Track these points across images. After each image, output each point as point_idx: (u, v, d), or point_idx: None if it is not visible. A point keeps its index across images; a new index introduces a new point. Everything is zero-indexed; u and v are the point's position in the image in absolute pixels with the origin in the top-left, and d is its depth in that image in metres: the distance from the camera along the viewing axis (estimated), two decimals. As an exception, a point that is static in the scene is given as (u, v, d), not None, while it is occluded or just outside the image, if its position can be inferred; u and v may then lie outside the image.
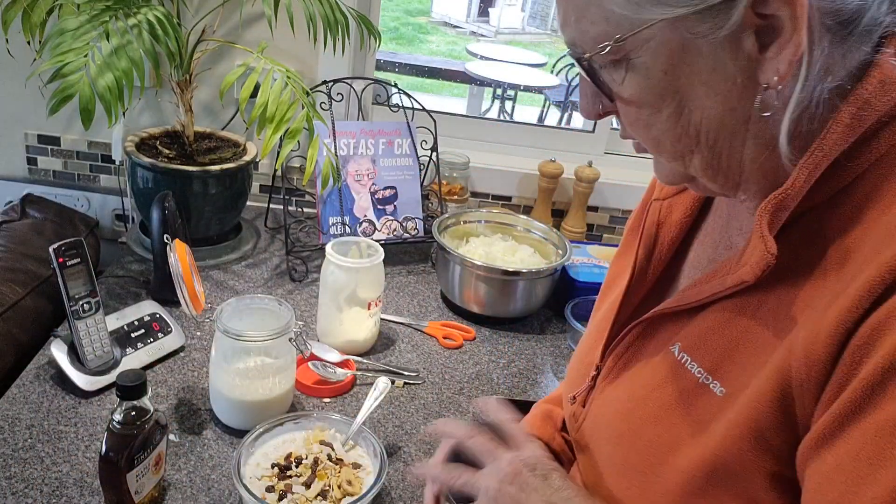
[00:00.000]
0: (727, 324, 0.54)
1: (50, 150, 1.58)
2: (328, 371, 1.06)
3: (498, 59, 5.27)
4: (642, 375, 0.61)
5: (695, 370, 0.55)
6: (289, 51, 1.49)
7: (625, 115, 0.54)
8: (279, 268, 1.38)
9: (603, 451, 0.63)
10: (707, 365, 0.55)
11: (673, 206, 0.67)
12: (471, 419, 0.72)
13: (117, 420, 0.77)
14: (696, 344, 0.56)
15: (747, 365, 0.52)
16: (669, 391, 0.57)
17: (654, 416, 0.58)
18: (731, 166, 0.53)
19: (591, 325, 0.76)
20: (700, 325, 0.57)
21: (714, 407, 0.53)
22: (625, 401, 0.62)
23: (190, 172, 1.28)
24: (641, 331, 0.63)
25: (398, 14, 9.07)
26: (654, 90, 0.50)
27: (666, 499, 0.55)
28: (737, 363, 0.53)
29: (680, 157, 0.54)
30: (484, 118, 2.16)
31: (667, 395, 0.57)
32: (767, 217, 0.50)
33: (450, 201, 1.58)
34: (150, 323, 1.09)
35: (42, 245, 1.22)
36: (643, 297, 0.68)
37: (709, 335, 0.55)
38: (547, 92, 4.83)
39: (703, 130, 0.51)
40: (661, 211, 0.68)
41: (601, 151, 1.77)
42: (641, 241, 0.67)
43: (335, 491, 0.82)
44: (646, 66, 0.50)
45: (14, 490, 0.82)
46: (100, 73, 0.99)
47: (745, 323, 0.53)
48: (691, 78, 0.49)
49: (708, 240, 0.65)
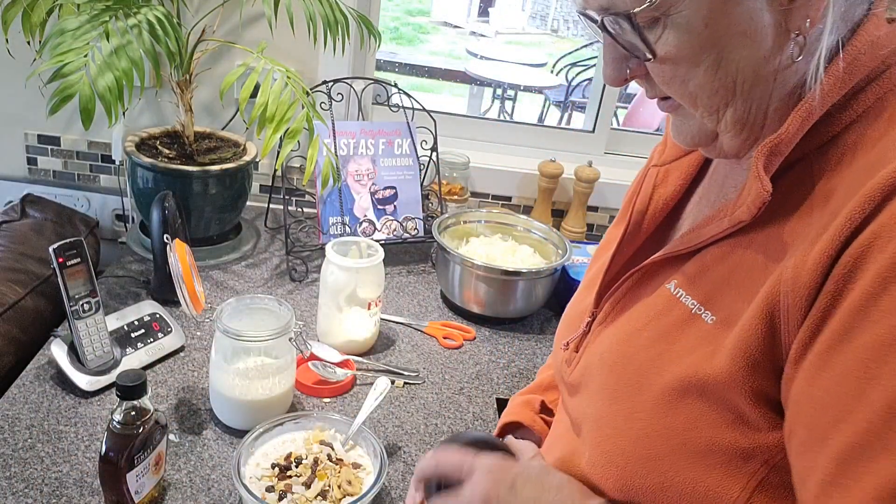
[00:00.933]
0: (721, 259, 0.57)
1: (50, 150, 1.58)
2: (328, 371, 1.06)
3: (498, 59, 5.28)
4: (637, 312, 0.64)
5: (688, 302, 0.58)
6: (289, 51, 1.49)
7: (659, 74, 0.55)
8: (279, 268, 1.38)
9: (595, 383, 0.65)
10: (700, 297, 0.57)
11: (670, 171, 0.70)
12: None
13: (117, 420, 0.77)
14: (690, 280, 0.59)
15: (738, 295, 0.54)
16: (662, 322, 0.60)
17: (646, 345, 0.60)
18: (758, 117, 0.55)
19: (584, 280, 0.79)
20: (696, 263, 0.59)
21: (703, 332, 0.56)
22: (619, 335, 0.64)
23: (190, 172, 1.28)
24: (639, 277, 0.66)
25: (398, 14, 9.07)
26: (694, 44, 0.51)
27: (650, 412, 0.58)
28: (728, 294, 0.55)
29: (715, 111, 0.55)
30: (484, 118, 2.16)
31: (660, 326, 0.60)
32: (763, 159, 0.52)
33: (450, 201, 1.58)
34: (150, 323, 1.09)
35: (42, 245, 1.23)
36: (636, 250, 0.70)
37: (703, 271, 0.58)
38: (547, 92, 4.83)
39: (740, 81, 0.52)
40: (658, 175, 0.70)
41: (601, 151, 1.77)
42: (637, 200, 0.70)
43: (335, 491, 0.82)
44: (686, 20, 0.50)
45: (14, 490, 0.82)
46: (100, 73, 0.99)
47: (738, 258, 0.55)
48: (730, 29, 0.50)
49: (704, 200, 0.67)
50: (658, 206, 0.69)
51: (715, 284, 0.57)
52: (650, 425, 0.57)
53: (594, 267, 0.77)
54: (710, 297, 0.57)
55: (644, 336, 0.61)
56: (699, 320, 0.56)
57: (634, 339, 0.62)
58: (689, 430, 0.55)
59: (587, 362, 0.68)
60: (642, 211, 0.69)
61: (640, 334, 0.61)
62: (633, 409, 0.59)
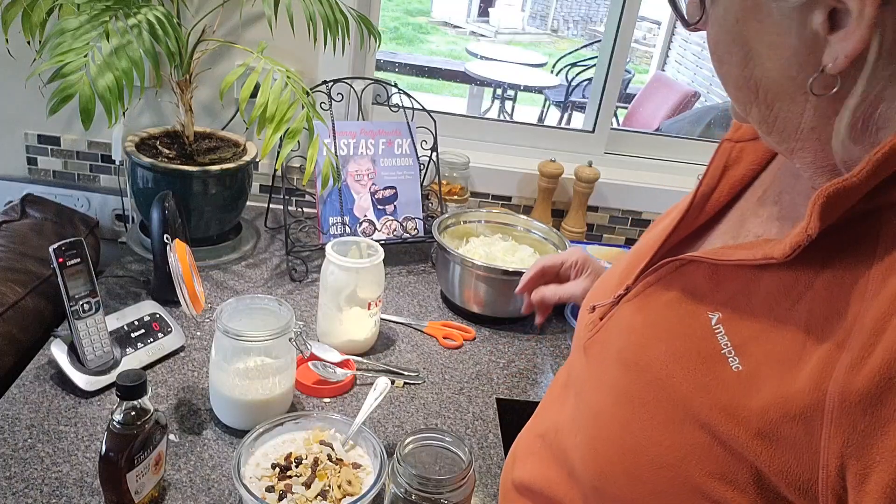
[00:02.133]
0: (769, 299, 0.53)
1: (50, 150, 1.58)
2: (328, 371, 1.06)
3: (498, 59, 5.28)
4: (663, 312, 0.61)
5: (723, 342, 0.54)
6: (289, 51, 1.49)
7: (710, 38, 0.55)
8: (279, 268, 1.38)
9: (607, 375, 0.64)
10: (736, 341, 0.54)
11: (745, 150, 0.66)
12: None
13: (117, 420, 0.77)
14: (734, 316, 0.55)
15: (771, 350, 0.51)
16: (690, 347, 0.56)
17: (665, 362, 0.57)
18: (787, 129, 0.52)
19: (636, 247, 0.76)
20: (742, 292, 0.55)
21: (725, 378, 0.53)
22: (642, 337, 0.62)
23: (190, 172, 1.28)
24: (676, 268, 0.62)
25: (398, 14, 9.08)
26: (727, 33, 0.52)
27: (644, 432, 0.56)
28: (763, 346, 0.52)
29: (741, 103, 0.55)
30: (484, 118, 2.15)
31: (686, 350, 0.57)
32: (822, 199, 0.47)
33: (450, 201, 1.58)
34: (150, 323, 1.09)
35: (42, 245, 1.22)
36: (693, 231, 0.67)
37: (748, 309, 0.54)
38: (547, 92, 4.83)
39: (763, 87, 0.52)
40: (732, 153, 0.67)
41: (601, 151, 1.77)
42: (706, 175, 0.67)
43: (335, 491, 0.82)
44: (724, 7, 0.51)
45: (14, 490, 0.82)
46: (100, 73, 0.99)
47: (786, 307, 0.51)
48: (760, 35, 0.50)
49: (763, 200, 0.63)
50: (725, 189, 0.66)
51: (758, 332, 0.53)
52: (643, 444, 0.56)
53: (650, 233, 0.74)
54: (745, 343, 0.53)
55: (665, 352, 0.58)
56: (725, 364, 0.53)
57: (654, 348, 0.59)
58: (681, 465, 0.53)
59: (605, 338, 0.67)
60: (708, 192, 0.66)
61: (660, 345, 0.59)
62: (633, 418, 0.58)
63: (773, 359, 0.50)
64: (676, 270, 0.62)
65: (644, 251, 0.69)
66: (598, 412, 0.62)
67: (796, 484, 0.48)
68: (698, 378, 0.54)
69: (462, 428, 1.03)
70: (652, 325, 0.61)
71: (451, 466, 0.81)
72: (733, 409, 0.51)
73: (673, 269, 0.62)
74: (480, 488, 0.93)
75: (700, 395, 0.53)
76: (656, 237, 0.68)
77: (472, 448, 0.90)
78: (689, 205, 0.66)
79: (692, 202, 0.66)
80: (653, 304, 0.63)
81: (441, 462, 0.82)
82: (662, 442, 0.55)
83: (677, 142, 1.81)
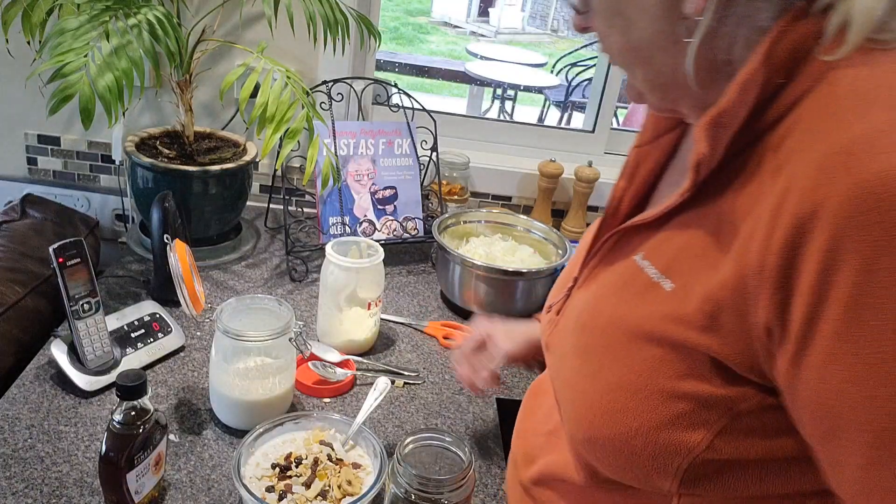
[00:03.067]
0: (680, 230, 0.61)
1: (50, 150, 1.58)
2: (328, 371, 1.06)
3: (498, 59, 5.27)
4: (607, 279, 0.68)
5: (651, 272, 0.62)
6: (289, 51, 1.49)
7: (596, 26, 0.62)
8: (279, 268, 1.38)
9: (568, 344, 0.70)
10: (661, 267, 0.61)
11: (650, 152, 0.74)
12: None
13: (117, 420, 0.77)
14: (654, 250, 0.63)
15: (695, 264, 0.58)
16: (628, 289, 0.64)
17: (612, 308, 0.64)
18: (669, 83, 0.60)
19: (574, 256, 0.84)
20: (661, 235, 0.63)
21: (662, 298, 0.59)
22: (590, 299, 0.69)
23: (190, 172, 1.28)
24: (612, 244, 0.70)
25: (398, 14, 9.07)
26: (607, 9, 0.60)
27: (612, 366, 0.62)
28: (685, 263, 0.59)
29: (628, 68, 0.62)
30: (484, 118, 2.15)
31: (625, 292, 0.64)
32: (704, 129, 0.55)
33: (450, 201, 1.58)
34: (150, 323, 1.09)
35: (42, 245, 1.23)
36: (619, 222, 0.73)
37: (665, 242, 0.62)
38: (547, 92, 4.83)
39: (641, 46, 0.59)
40: (640, 155, 0.75)
41: (601, 151, 1.77)
42: (623, 176, 0.75)
43: (335, 491, 0.82)
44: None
45: (14, 490, 0.82)
46: (100, 73, 0.99)
47: (695, 229, 0.59)
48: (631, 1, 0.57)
49: (673, 174, 0.73)
50: (639, 184, 0.74)
51: (674, 254, 0.60)
52: (614, 379, 0.61)
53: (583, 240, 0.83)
54: (669, 266, 0.60)
55: (611, 301, 0.65)
56: (659, 288, 0.60)
57: (602, 302, 0.66)
58: (650, 380, 0.59)
59: (563, 325, 0.73)
60: (624, 188, 0.74)
61: (607, 299, 0.66)
62: (600, 366, 0.63)
63: (695, 269, 0.57)
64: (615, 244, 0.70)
65: (581, 249, 0.78)
66: (569, 378, 0.68)
67: (746, 364, 0.54)
68: (641, 308, 0.61)
69: (462, 428, 1.03)
70: (598, 293, 0.69)
71: (451, 466, 0.81)
72: (677, 317, 0.57)
73: (612, 244, 0.70)
74: (480, 488, 0.93)
75: (647, 319, 0.60)
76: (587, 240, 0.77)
77: (472, 448, 0.90)
78: (611, 200, 0.74)
79: (613, 197, 0.74)
80: (598, 278, 0.70)
81: (441, 462, 0.82)
82: (631, 370, 0.60)
83: (677, 142, 1.81)
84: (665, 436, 0.58)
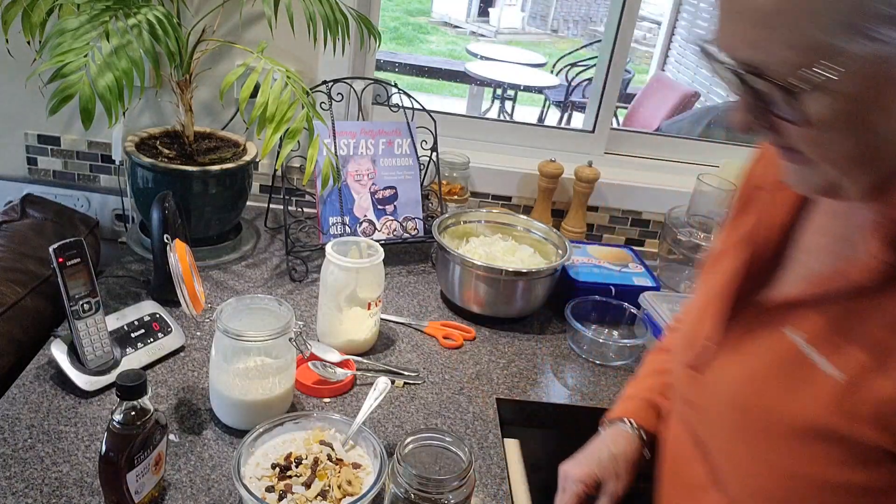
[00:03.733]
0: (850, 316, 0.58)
1: (50, 150, 1.58)
2: (328, 371, 1.06)
3: (498, 59, 5.27)
4: (760, 354, 0.65)
5: (816, 359, 0.59)
6: (289, 51, 1.49)
7: (802, 135, 0.53)
8: (279, 268, 1.38)
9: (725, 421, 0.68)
10: (827, 352, 0.58)
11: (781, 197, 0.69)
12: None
13: (117, 420, 0.77)
14: (819, 334, 0.60)
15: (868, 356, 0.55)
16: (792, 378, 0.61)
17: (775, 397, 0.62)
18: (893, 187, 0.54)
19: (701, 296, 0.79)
20: (822, 316, 0.60)
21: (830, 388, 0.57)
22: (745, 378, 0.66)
23: (190, 172, 1.28)
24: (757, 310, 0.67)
25: (398, 14, 9.07)
26: (842, 117, 0.50)
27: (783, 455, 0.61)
28: (860, 356, 0.56)
29: (853, 176, 0.54)
30: (484, 118, 2.16)
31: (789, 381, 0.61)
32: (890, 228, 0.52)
33: (450, 201, 1.58)
34: (150, 323, 1.09)
35: (42, 245, 1.22)
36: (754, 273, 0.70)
37: (832, 325, 0.59)
38: (547, 92, 4.83)
39: (885, 150, 0.52)
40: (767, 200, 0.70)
41: (601, 151, 1.76)
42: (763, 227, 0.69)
43: (335, 491, 0.82)
44: (842, 93, 0.49)
45: (14, 490, 0.82)
46: (100, 73, 0.99)
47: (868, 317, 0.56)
48: (886, 117, 0.49)
49: (824, 232, 0.66)
50: (774, 231, 0.69)
51: (844, 342, 0.58)
52: (786, 467, 0.61)
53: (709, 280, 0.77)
54: (837, 352, 0.58)
55: (773, 385, 0.63)
56: (827, 378, 0.58)
57: (763, 386, 0.64)
58: (823, 471, 0.58)
59: (713, 391, 0.71)
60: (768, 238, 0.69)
61: (768, 383, 0.63)
62: (767, 452, 0.62)
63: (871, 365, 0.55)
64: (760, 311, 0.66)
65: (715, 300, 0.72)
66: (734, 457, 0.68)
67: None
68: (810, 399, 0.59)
69: (462, 428, 1.03)
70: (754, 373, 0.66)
71: (451, 466, 0.81)
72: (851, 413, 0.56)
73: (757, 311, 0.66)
74: (480, 488, 0.93)
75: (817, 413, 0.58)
76: (723, 283, 0.71)
77: (472, 448, 0.90)
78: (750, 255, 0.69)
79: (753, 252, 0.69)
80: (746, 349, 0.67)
81: (441, 462, 0.82)
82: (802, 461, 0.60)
83: (677, 142, 1.81)
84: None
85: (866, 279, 0.55)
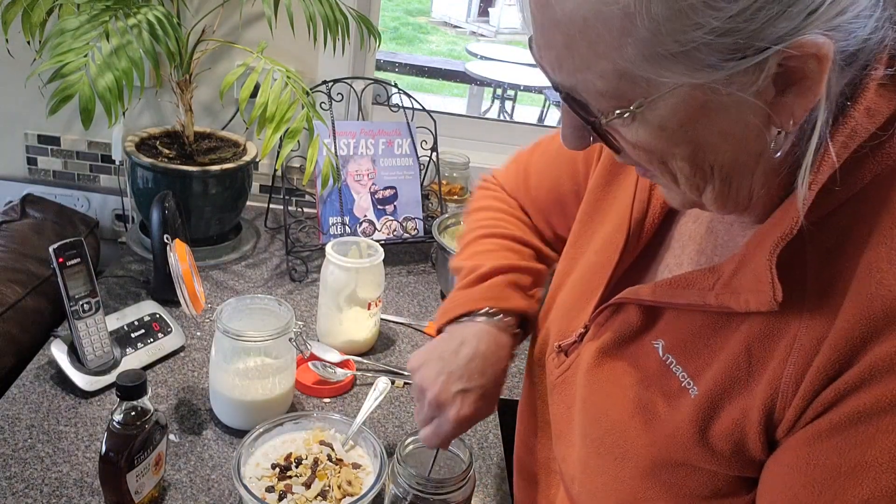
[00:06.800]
0: (711, 333, 0.56)
1: (50, 150, 1.58)
2: (328, 371, 1.06)
3: (498, 59, 5.27)
4: (623, 365, 0.64)
5: (678, 373, 0.58)
6: (289, 51, 1.49)
7: (631, 154, 0.52)
8: (279, 268, 1.38)
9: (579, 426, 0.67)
10: (691, 370, 0.57)
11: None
12: None
13: (117, 420, 0.77)
14: (680, 347, 0.59)
15: (723, 373, 0.55)
16: (650, 390, 0.60)
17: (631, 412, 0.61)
18: (741, 195, 0.53)
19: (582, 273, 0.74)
20: (683, 325, 0.59)
21: (688, 406, 0.57)
22: (605, 387, 0.65)
23: (190, 172, 1.28)
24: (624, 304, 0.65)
25: (398, 14, 9.07)
26: (667, 140, 0.49)
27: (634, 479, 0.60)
28: (712, 368, 0.56)
29: (695, 188, 0.53)
30: (484, 118, 2.16)
31: (647, 394, 0.61)
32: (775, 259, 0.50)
33: (450, 201, 1.58)
34: (150, 323, 1.09)
35: (42, 245, 1.22)
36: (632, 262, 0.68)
37: (693, 340, 0.58)
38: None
39: (717, 168, 0.50)
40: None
41: (601, 151, 1.76)
42: (634, 206, 0.66)
43: (335, 491, 0.82)
44: (661, 119, 0.47)
45: (14, 490, 0.82)
46: (100, 73, 0.99)
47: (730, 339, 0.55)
48: (709, 128, 0.47)
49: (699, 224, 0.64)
50: (657, 211, 0.66)
51: (702, 357, 0.57)
52: (634, 489, 0.61)
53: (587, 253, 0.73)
54: (698, 370, 0.57)
55: (630, 400, 0.62)
56: (686, 394, 0.57)
57: (620, 400, 0.63)
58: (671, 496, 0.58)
59: (573, 379, 0.70)
60: (640, 219, 0.66)
61: (625, 395, 0.62)
62: (618, 472, 0.62)
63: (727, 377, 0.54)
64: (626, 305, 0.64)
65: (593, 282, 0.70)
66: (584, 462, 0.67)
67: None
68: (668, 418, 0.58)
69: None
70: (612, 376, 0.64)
71: (451, 466, 0.81)
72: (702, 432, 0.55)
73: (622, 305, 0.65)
74: (480, 488, 0.93)
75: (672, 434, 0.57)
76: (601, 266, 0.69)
77: (472, 448, 0.90)
78: (626, 238, 0.66)
79: (629, 231, 0.66)
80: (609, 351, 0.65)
81: (441, 462, 0.82)
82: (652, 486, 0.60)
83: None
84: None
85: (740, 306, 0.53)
